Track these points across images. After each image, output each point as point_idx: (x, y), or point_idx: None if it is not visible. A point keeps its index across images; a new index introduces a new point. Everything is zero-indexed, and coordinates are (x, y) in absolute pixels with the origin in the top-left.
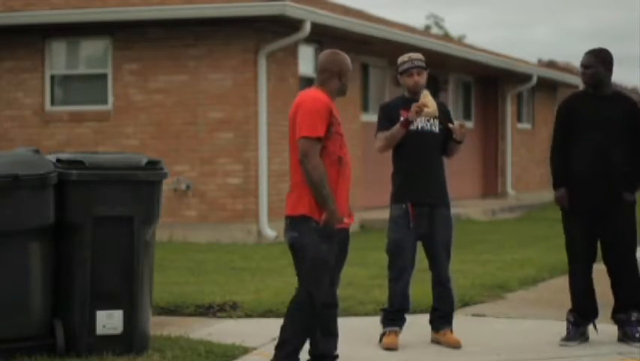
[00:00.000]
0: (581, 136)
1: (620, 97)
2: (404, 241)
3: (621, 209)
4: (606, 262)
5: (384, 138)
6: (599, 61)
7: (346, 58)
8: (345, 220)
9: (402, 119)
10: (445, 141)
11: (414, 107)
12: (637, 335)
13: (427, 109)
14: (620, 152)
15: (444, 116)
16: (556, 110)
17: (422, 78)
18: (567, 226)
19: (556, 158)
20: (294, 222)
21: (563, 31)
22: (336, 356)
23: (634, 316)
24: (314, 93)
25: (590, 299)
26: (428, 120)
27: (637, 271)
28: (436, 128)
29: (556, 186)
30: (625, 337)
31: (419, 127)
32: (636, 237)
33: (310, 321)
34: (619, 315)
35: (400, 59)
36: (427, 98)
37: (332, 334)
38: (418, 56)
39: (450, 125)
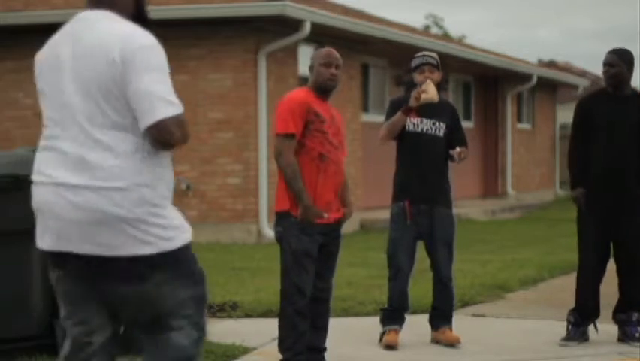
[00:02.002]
0: (599, 136)
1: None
2: (401, 239)
3: (637, 208)
4: (617, 261)
5: (386, 126)
6: (623, 61)
7: (322, 51)
8: (326, 216)
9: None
10: (448, 145)
11: (414, 93)
12: (637, 335)
13: (425, 95)
14: (637, 152)
15: (452, 121)
16: (574, 110)
17: (434, 76)
18: (582, 225)
19: (575, 158)
20: (278, 218)
21: (565, 32)
22: (324, 349)
23: (634, 316)
24: (292, 93)
25: (593, 299)
26: (434, 124)
27: None
28: (441, 133)
29: (573, 185)
30: (625, 337)
31: (424, 129)
32: None
33: (303, 311)
34: (619, 315)
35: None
36: (429, 86)
37: (321, 328)
38: (432, 54)
39: (450, 152)
